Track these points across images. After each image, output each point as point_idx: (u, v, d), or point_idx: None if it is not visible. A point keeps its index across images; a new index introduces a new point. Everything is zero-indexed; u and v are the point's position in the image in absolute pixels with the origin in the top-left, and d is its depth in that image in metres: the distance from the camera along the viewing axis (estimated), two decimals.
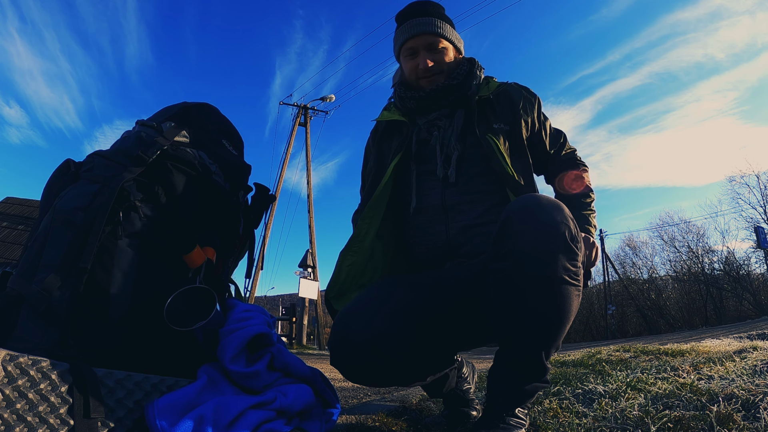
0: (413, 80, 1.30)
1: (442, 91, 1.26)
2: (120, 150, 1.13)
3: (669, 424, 1.01)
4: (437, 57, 1.26)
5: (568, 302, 0.94)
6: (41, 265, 0.96)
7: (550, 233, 0.92)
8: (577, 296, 0.96)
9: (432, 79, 1.27)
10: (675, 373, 1.65)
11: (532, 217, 0.93)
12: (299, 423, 1.03)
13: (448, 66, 1.28)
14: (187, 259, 1.12)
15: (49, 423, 0.76)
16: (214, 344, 1.05)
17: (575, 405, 1.35)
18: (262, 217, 1.46)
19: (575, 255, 0.94)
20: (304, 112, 17.19)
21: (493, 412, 1.00)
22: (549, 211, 0.94)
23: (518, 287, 0.94)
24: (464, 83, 1.27)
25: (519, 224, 0.94)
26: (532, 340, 0.96)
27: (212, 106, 1.38)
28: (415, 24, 1.26)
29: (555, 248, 0.92)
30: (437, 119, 1.28)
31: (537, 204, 0.95)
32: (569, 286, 0.93)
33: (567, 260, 0.92)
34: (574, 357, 3.01)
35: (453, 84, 1.26)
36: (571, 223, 0.94)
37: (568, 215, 0.95)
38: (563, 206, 0.96)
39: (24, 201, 9.89)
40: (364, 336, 1.04)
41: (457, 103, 1.28)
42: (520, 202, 0.97)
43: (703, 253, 22.66)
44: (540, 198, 0.97)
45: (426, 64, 1.25)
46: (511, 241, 0.94)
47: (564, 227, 0.92)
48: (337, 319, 1.10)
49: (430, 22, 1.26)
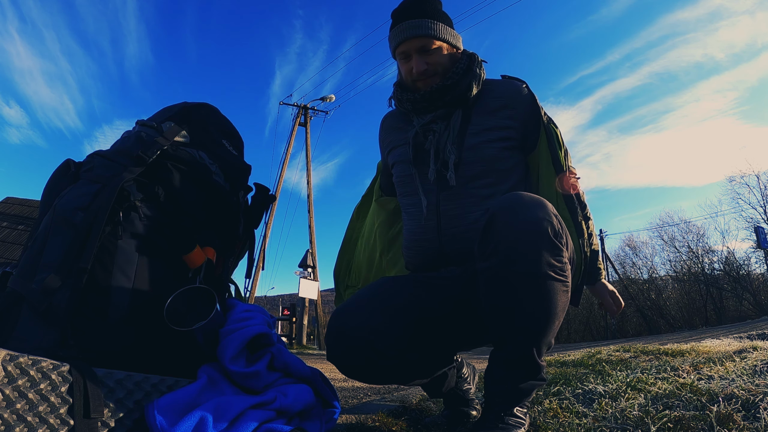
0: (409, 82, 1.29)
1: (437, 93, 1.24)
2: (120, 150, 1.13)
3: (669, 424, 1.02)
4: (431, 58, 1.24)
5: (554, 298, 0.94)
6: (41, 265, 0.96)
7: (532, 230, 0.92)
8: (565, 292, 0.97)
9: (428, 81, 1.25)
10: (675, 373, 1.65)
11: (515, 214, 0.94)
12: (299, 423, 1.03)
13: (443, 66, 1.25)
14: (187, 259, 1.12)
15: (49, 423, 0.76)
16: (214, 344, 1.05)
17: (575, 405, 1.35)
18: (262, 217, 1.46)
19: (559, 251, 0.94)
20: (304, 112, 17.19)
21: (492, 413, 1.00)
22: (531, 208, 0.94)
23: (504, 285, 0.95)
24: (460, 82, 1.24)
25: (502, 223, 0.94)
26: (522, 338, 0.97)
27: (212, 106, 1.38)
28: (407, 27, 1.23)
29: (538, 245, 0.92)
30: (432, 122, 1.26)
31: (519, 201, 0.96)
32: (555, 282, 0.94)
33: (551, 256, 0.93)
34: (574, 357, 3.01)
35: (448, 85, 1.23)
36: (554, 219, 0.95)
37: (551, 211, 0.96)
38: (546, 202, 0.97)
39: (24, 201, 9.89)
40: (361, 332, 1.04)
41: (453, 102, 1.25)
42: (502, 201, 0.98)
43: (703, 253, 22.66)
44: (522, 195, 0.97)
45: (419, 67, 1.23)
46: (495, 240, 0.95)
47: (547, 224, 0.93)
48: (334, 316, 1.11)
49: (420, 24, 1.23)
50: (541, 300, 0.94)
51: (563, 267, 0.95)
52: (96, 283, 0.97)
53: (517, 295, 0.94)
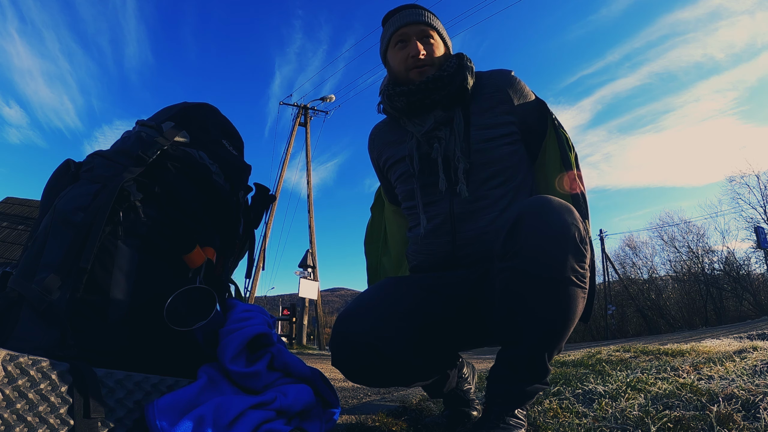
0: (402, 72, 1.25)
1: (433, 83, 1.19)
2: (120, 150, 1.13)
3: (669, 424, 1.01)
4: (429, 48, 1.22)
5: (574, 304, 0.94)
6: (41, 265, 0.96)
7: (560, 234, 0.91)
8: (583, 299, 0.96)
9: (423, 70, 1.22)
10: (675, 373, 1.65)
11: (543, 217, 0.93)
12: (299, 423, 1.03)
13: (438, 59, 1.23)
14: (187, 259, 1.12)
15: (49, 423, 0.76)
16: (214, 344, 1.05)
17: (575, 405, 1.35)
18: (262, 217, 1.46)
19: (583, 257, 0.94)
20: (305, 112, 17.20)
21: (493, 413, 0.99)
22: (560, 212, 0.94)
23: (524, 286, 0.94)
24: (455, 76, 1.21)
25: (529, 225, 0.93)
26: (536, 340, 0.96)
27: (212, 106, 1.38)
28: (407, 14, 1.23)
29: (564, 249, 0.91)
30: (435, 129, 1.22)
31: (548, 205, 0.95)
32: (576, 288, 0.93)
33: (575, 261, 0.92)
34: (574, 357, 3.01)
35: (444, 75, 1.19)
36: (580, 225, 0.94)
37: (578, 217, 0.95)
38: (573, 208, 0.97)
39: (24, 201, 9.89)
40: (366, 338, 1.04)
41: (450, 100, 1.22)
42: (531, 203, 0.97)
43: (703, 254, 22.68)
44: (551, 200, 0.97)
45: (417, 50, 1.20)
46: (521, 241, 0.94)
47: (574, 228, 0.92)
48: (339, 320, 1.10)
49: (421, 13, 1.24)
50: (560, 304, 0.93)
51: (584, 274, 0.95)
52: (96, 283, 0.97)
53: (536, 297, 0.93)
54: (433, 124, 1.21)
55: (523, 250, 0.93)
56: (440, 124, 1.22)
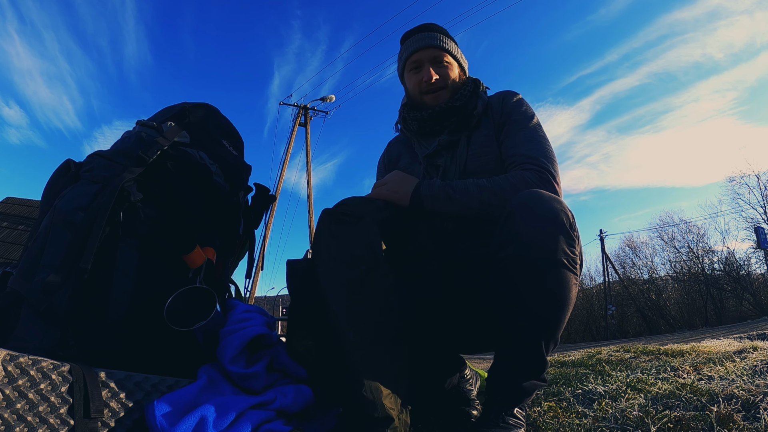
0: (417, 96, 1.31)
1: (445, 113, 1.26)
2: (120, 150, 1.13)
3: (669, 424, 1.01)
4: (442, 71, 1.27)
5: (567, 287, 0.97)
6: (41, 265, 0.96)
7: (549, 218, 0.96)
8: (576, 285, 1.00)
9: (437, 94, 1.27)
10: (675, 373, 1.65)
11: (533, 206, 0.98)
12: (299, 423, 1.03)
13: (453, 83, 1.28)
14: (187, 259, 1.12)
15: (49, 423, 0.76)
16: (214, 344, 1.05)
17: (575, 405, 1.35)
18: (262, 218, 1.46)
19: (573, 242, 0.98)
20: (305, 112, 17.19)
21: (492, 412, 1.00)
22: (549, 201, 0.98)
23: (519, 272, 0.97)
24: (468, 104, 1.27)
25: (520, 215, 0.98)
26: (534, 327, 0.98)
27: (212, 106, 1.38)
28: (420, 38, 1.28)
29: (555, 231, 0.95)
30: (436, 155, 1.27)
31: (538, 196, 1.00)
32: (568, 272, 0.97)
33: (566, 245, 0.96)
34: (574, 357, 3.01)
35: (456, 106, 1.26)
36: (569, 213, 0.99)
37: (566, 207, 1.00)
38: (561, 199, 1.02)
39: (24, 201, 9.89)
40: None
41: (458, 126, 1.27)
42: (521, 197, 1.02)
43: (703, 254, 22.68)
44: (540, 191, 1.02)
45: (430, 75, 1.25)
46: (514, 230, 0.98)
47: (563, 215, 0.97)
48: None
49: (434, 36, 1.28)
50: (555, 287, 0.96)
51: (575, 259, 0.98)
52: (96, 283, 0.97)
53: (532, 281, 0.96)
54: (436, 148, 1.28)
55: (516, 237, 0.97)
56: (443, 148, 1.28)
